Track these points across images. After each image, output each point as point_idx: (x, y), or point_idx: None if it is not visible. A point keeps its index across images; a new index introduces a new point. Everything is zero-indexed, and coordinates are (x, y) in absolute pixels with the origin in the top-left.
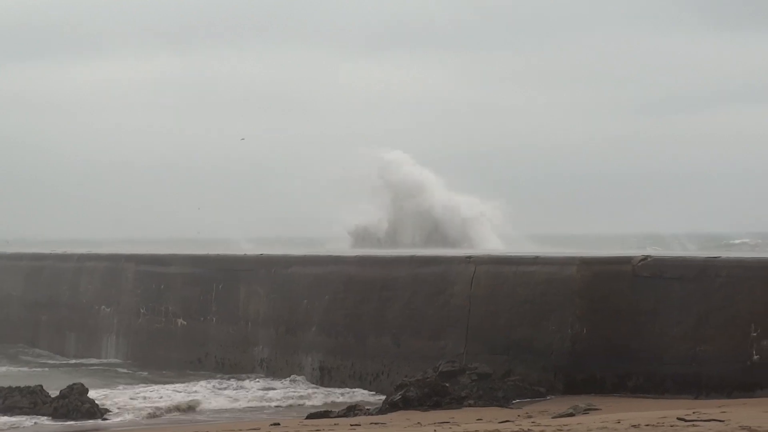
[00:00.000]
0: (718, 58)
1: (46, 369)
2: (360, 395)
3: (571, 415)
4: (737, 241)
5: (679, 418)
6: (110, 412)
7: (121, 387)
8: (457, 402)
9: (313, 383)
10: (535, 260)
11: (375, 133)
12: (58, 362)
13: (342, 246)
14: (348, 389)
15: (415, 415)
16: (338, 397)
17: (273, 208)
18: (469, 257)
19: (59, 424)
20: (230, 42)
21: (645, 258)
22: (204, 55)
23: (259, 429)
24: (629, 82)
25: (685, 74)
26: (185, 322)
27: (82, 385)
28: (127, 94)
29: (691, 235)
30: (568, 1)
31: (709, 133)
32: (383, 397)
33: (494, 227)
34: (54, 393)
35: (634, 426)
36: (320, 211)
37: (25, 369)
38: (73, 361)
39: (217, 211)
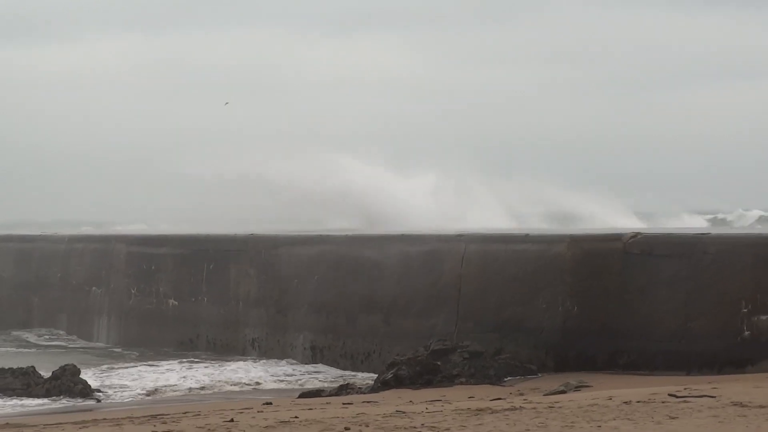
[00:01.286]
0: (692, 36)
1: (38, 350)
2: (351, 374)
3: (563, 392)
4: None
5: (670, 395)
6: (102, 392)
7: (112, 367)
8: (448, 380)
9: (305, 363)
10: (526, 238)
11: (340, 117)
12: (49, 343)
13: None
14: (339, 369)
15: (407, 394)
16: (330, 376)
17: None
18: (460, 235)
19: (54, 405)
20: (195, 23)
21: (635, 235)
22: (168, 37)
23: (251, 408)
24: (604, 59)
25: (659, 51)
26: (176, 303)
27: (74, 365)
28: (88, 78)
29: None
30: None
31: (683, 110)
32: (375, 376)
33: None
34: (46, 374)
35: (625, 402)
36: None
37: (17, 350)
38: (65, 343)
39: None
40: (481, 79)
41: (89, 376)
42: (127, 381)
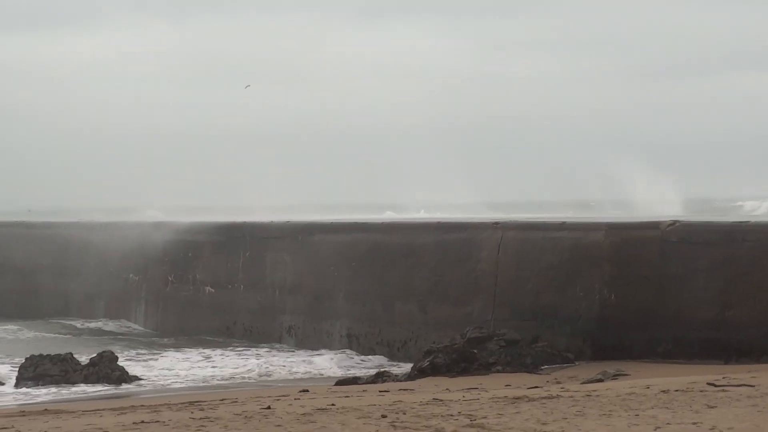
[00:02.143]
0: (724, 26)
1: (76, 336)
2: (387, 362)
3: (600, 380)
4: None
5: (708, 383)
6: (139, 378)
7: (149, 354)
8: (485, 368)
9: (341, 350)
10: (562, 226)
11: (374, 104)
12: (87, 329)
13: None
14: (376, 356)
15: (444, 381)
16: (366, 364)
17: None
18: (496, 223)
19: (92, 391)
20: (225, 11)
21: (673, 223)
22: (198, 25)
23: (288, 395)
24: (636, 48)
25: (692, 41)
26: (213, 290)
27: (112, 352)
28: (121, 66)
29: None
30: None
31: (714, 99)
32: (411, 364)
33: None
34: (84, 360)
35: (663, 391)
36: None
37: (55, 336)
38: (102, 329)
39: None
40: (513, 65)
41: (126, 363)
42: (164, 367)
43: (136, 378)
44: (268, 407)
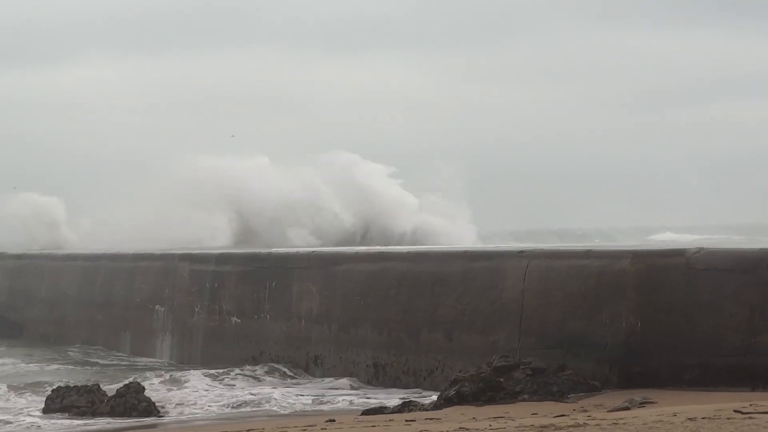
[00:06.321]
0: (689, 55)
1: (102, 368)
2: (413, 391)
3: (627, 408)
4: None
5: (735, 411)
6: (167, 410)
7: (176, 385)
8: (511, 397)
9: (368, 380)
10: (588, 254)
11: (340, 135)
12: (113, 361)
13: None
14: (402, 387)
15: (470, 410)
16: (393, 394)
17: None
18: (521, 251)
19: (118, 423)
20: (199, 43)
21: (699, 250)
22: (176, 57)
23: (314, 426)
24: (599, 79)
25: (657, 71)
26: (239, 320)
27: (139, 383)
28: (100, 98)
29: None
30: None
31: (683, 129)
32: (438, 393)
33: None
34: (111, 391)
35: (690, 419)
36: None
37: (82, 368)
38: (128, 360)
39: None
40: (481, 96)
41: (153, 394)
42: (190, 399)
43: (163, 409)
44: None
